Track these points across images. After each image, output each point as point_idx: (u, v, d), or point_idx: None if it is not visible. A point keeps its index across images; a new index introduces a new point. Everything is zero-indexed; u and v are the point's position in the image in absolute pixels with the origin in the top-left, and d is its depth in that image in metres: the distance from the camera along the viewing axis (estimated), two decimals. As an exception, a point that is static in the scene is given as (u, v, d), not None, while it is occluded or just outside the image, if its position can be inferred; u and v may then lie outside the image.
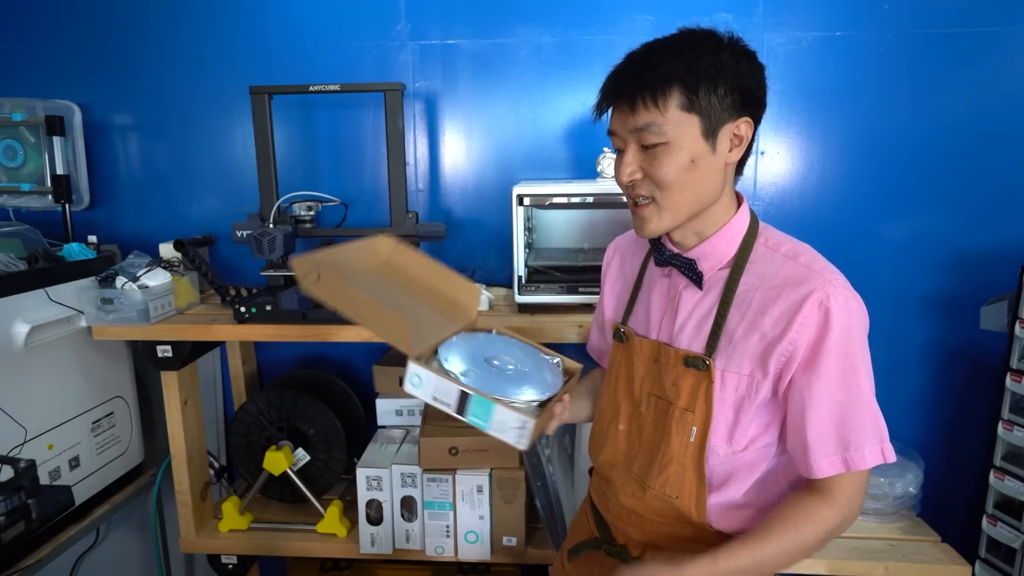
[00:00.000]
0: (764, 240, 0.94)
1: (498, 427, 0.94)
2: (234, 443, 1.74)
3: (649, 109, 0.85)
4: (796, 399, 0.88)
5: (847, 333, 0.84)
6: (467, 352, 1.02)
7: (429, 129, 1.84)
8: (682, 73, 0.84)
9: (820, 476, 0.88)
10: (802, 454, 0.89)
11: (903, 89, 1.68)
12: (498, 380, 0.99)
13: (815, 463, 0.87)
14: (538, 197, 1.48)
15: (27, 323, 1.42)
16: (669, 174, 0.87)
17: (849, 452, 0.86)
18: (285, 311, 1.45)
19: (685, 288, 0.96)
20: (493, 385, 0.97)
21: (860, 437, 0.86)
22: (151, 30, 1.82)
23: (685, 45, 0.86)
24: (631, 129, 0.88)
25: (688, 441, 0.93)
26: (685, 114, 0.85)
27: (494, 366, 1.02)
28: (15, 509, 1.08)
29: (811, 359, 0.86)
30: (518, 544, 1.57)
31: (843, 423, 0.86)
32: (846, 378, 0.85)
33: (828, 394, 0.86)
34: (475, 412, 0.95)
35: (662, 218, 0.91)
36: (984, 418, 1.76)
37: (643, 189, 0.90)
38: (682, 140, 0.86)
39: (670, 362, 0.96)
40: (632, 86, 0.86)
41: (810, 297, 0.85)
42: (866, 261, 1.77)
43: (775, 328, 0.87)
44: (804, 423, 0.87)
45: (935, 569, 1.47)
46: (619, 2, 1.71)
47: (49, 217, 1.86)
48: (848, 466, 0.86)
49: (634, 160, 0.89)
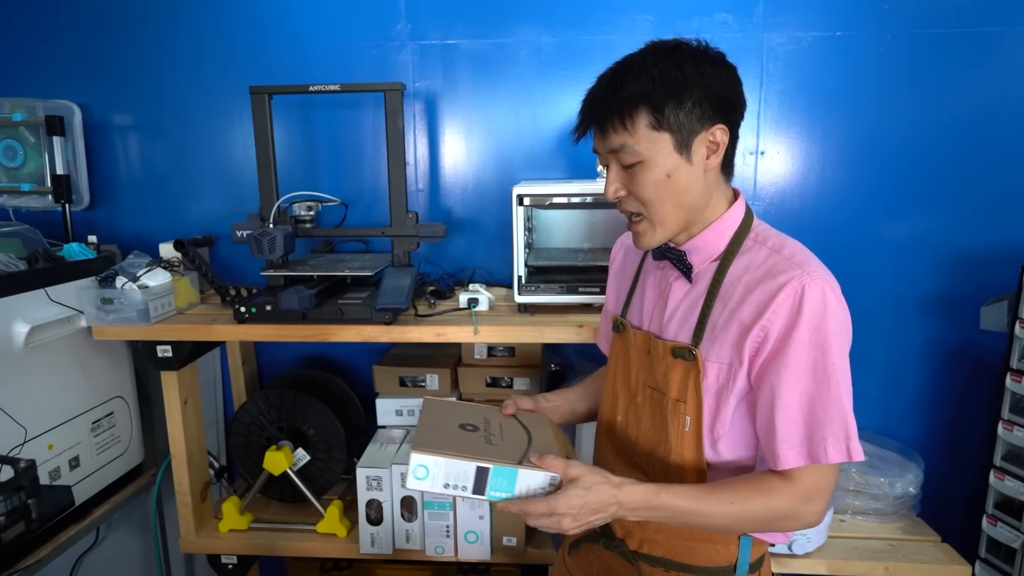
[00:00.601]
0: (754, 235, 0.95)
1: (524, 492, 0.88)
2: (234, 443, 1.74)
3: (619, 132, 0.88)
4: (766, 387, 0.88)
5: (819, 324, 0.85)
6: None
7: (429, 129, 1.84)
8: (647, 92, 0.86)
9: (785, 467, 0.88)
10: (768, 442, 0.89)
11: (903, 89, 1.68)
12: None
13: (781, 453, 0.87)
14: (538, 197, 1.48)
15: (27, 323, 1.42)
16: (648, 191, 0.90)
17: (813, 444, 0.86)
18: (285, 311, 1.45)
19: (676, 280, 0.99)
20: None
21: (825, 430, 0.86)
22: (151, 30, 1.82)
23: (647, 63, 0.87)
24: (608, 150, 0.91)
25: (684, 431, 0.95)
26: (655, 132, 0.87)
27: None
28: (15, 509, 1.08)
29: (781, 347, 0.86)
30: (518, 544, 1.57)
31: (811, 414, 0.86)
32: (816, 370, 0.85)
33: (798, 384, 0.86)
34: (496, 486, 0.88)
35: (655, 232, 0.94)
36: (984, 418, 1.76)
37: (630, 205, 0.94)
38: (656, 157, 0.88)
39: (659, 353, 0.98)
40: (601, 111, 0.89)
41: (786, 286, 0.86)
42: (866, 261, 1.77)
43: (751, 315, 0.88)
44: (773, 411, 0.87)
45: (935, 569, 1.47)
46: (619, 2, 1.71)
47: (49, 217, 1.86)
48: (812, 458, 0.86)
49: (616, 178, 0.93)
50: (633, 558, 1.02)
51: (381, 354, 1.88)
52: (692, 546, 0.98)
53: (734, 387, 0.91)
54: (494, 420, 1.03)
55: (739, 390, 0.91)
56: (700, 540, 0.98)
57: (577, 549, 1.15)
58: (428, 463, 0.87)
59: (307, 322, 1.47)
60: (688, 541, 0.98)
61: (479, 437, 0.95)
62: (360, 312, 1.46)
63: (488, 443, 0.93)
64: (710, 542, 0.98)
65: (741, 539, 0.98)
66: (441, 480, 0.88)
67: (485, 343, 1.74)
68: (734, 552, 0.98)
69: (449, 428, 0.97)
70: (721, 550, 0.98)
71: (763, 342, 0.87)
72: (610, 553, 1.06)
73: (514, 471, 0.87)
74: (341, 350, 2.01)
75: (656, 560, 1.00)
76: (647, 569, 1.01)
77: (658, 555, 1.00)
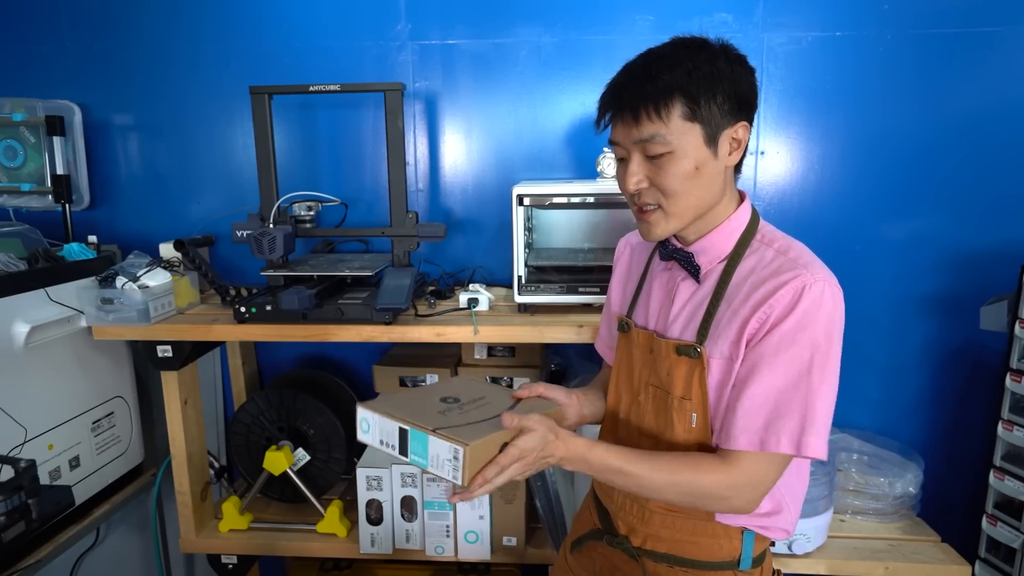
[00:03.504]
0: (761, 236, 0.96)
1: (435, 463, 0.86)
2: (234, 443, 1.74)
3: (653, 120, 0.88)
4: (745, 368, 0.90)
5: (810, 323, 0.86)
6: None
7: (429, 129, 1.84)
8: (683, 83, 0.86)
9: (733, 448, 0.89)
10: (728, 419, 0.91)
11: (903, 89, 1.68)
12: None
13: (735, 435, 0.89)
14: (538, 197, 1.48)
15: (27, 323, 1.42)
16: (675, 183, 0.90)
17: (768, 433, 0.87)
18: (285, 311, 1.45)
19: (683, 280, 0.99)
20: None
21: (784, 422, 0.87)
22: (151, 30, 1.82)
23: (682, 55, 0.88)
24: (635, 140, 0.90)
25: (690, 427, 0.96)
26: (687, 123, 0.88)
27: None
28: (15, 509, 1.08)
29: (769, 336, 0.88)
30: (518, 544, 1.57)
31: (775, 405, 0.87)
32: (794, 363, 0.87)
33: (771, 374, 0.87)
34: (415, 449, 0.88)
35: (668, 223, 0.94)
36: (984, 418, 1.76)
37: (649, 197, 0.93)
38: (686, 149, 0.89)
39: (663, 352, 0.98)
40: (635, 98, 0.88)
41: (789, 283, 0.87)
42: (866, 261, 1.77)
43: (752, 310, 0.89)
44: (742, 392, 0.89)
45: (935, 569, 1.47)
46: (619, 2, 1.71)
47: (49, 217, 1.86)
48: (763, 446, 0.88)
49: (639, 170, 0.92)
50: (637, 555, 1.03)
51: (381, 354, 1.88)
52: (696, 541, 0.99)
53: (732, 380, 0.92)
54: (490, 398, 1.00)
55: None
56: (704, 535, 0.98)
57: (579, 548, 1.15)
58: (368, 418, 0.94)
59: (307, 322, 1.47)
60: (692, 537, 0.99)
61: (445, 408, 0.95)
62: (360, 312, 1.47)
63: (444, 415, 0.92)
64: (713, 537, 0.98)
65: (744, 533, 0.98)
66: (377, 436, 0.93)
67: (485, 343, 1.74)
68: (737, 547, 0.99)
69: (429, 396, 0.99)
70: (725, 545, 0.98)
71: (758, 331, 0.89)
72: (614, 550, 1.07)
73: (425, 436, 0.87)
74: (341, 350, 2.01)
75: (660, 556, 1.01)
76: (651, 565, 1.01)
77: (662, 551, 1.01)
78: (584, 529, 1.16)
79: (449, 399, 0.98)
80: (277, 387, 1.75)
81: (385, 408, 0.93)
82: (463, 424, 0.89)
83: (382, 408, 0.93)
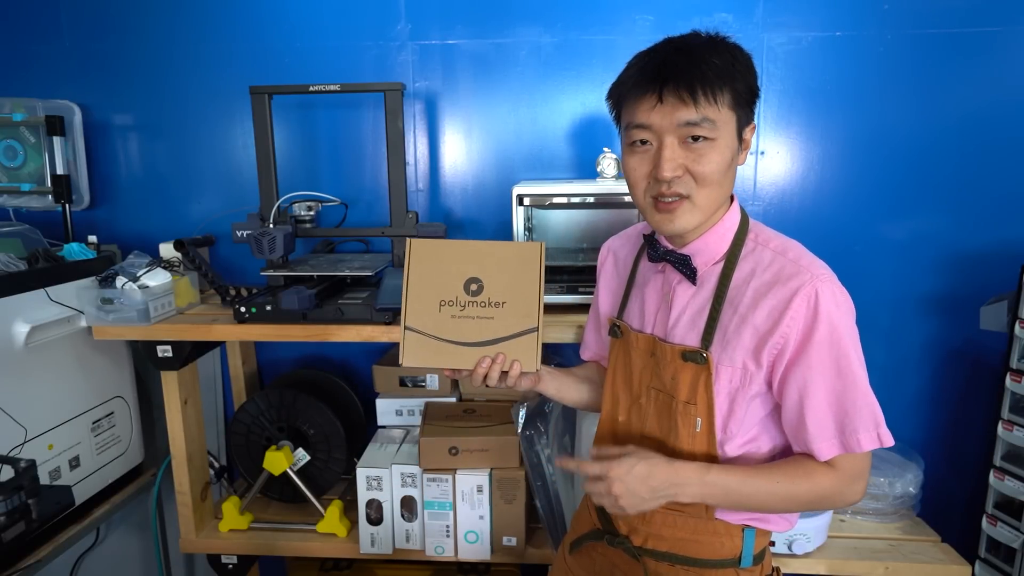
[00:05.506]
0: (754, 236, 0.96)
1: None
2: (234, 443, 1.74)
3: (709, 103, 0.84)
4: (792, 391, 0.90)
5: (836, 325, 0.87)
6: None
7: (429, 129, 1.84)
8: (731, 71, 0.85)
9: (821, 459, 0.90)
10: (800, 439, 0.91)
11: (903, 89, 1.68)
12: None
13: (815, 447, 0.90)
14: (538, 197, 1.48)
15: (27, 323, 1.42)
16: (716, 172, 0.87)
17: (846, 436, 0.88)
18: (285, 311, 1.45)
19: (679, 283, 0.98)
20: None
21: (856, 423, 0.88)
22: (151, 30, 1.82)
23: (719, 45, 0.87)
24: (680, 122, 0.85)
25: (695, 432, 0.96)
26: (731, 112, 0.87)
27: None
28: (15, 509, 1.08)
29: (803, 351, 0.88)
30: (518, 544, 1.57)
31: (840, 410, 0.88)
32: (840, 367, 0.87)
33: (824, 384, 0.88)
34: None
35: (694, 215, 0.91)
36: (984, 418, 1.77)
37: (680, 187, 0.88)
38: (727, 138, 0.88)
39: (667, 357, 0.97)
40: (691, 77, 0.83)
41: (799, 292, 0.87)
42: (866, 261, 1.77)
43: (767, 322, 0.89)
44: (803, 413, 0.89)
45: (935, 569, 1.47)
46: (619, 2, 1.71)
47: (49, 217, 1.86)
48: (845, 448, 0.89)
49: (676, 155, 0.87)
50: (639, 554, 1.02)
51: (381, 354, 1.88)
52: (698, 540, 0.99)
53: (750, 389, 0.92)
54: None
55: (756, 391, 0.93)
56: (706, 534, 0.98)
57: (579, 548, 1.15)
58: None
59: (307, 322, 1.47)
60: (694, 535, 0.99)
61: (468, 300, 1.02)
62: (360, 312, 1.47)
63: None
64: (715, 535, 0.98)
65: (745, 531, 0.99)
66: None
67: (485, 343, 1.74)
68: (738, 544, 0.99)
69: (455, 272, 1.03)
70: (726, 542, 0.98)
71: (783, 348, 0.89)
72: (614, 550, 1.06)
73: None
74: (341, 350, 2.01)
75: (661, 555, 1.01)
76: (652, 565, 1.01)
77: (663, 550, 1.01)
78: (584, 529, 1.15)
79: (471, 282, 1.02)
80: (277, 387, 1.75)
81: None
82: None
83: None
